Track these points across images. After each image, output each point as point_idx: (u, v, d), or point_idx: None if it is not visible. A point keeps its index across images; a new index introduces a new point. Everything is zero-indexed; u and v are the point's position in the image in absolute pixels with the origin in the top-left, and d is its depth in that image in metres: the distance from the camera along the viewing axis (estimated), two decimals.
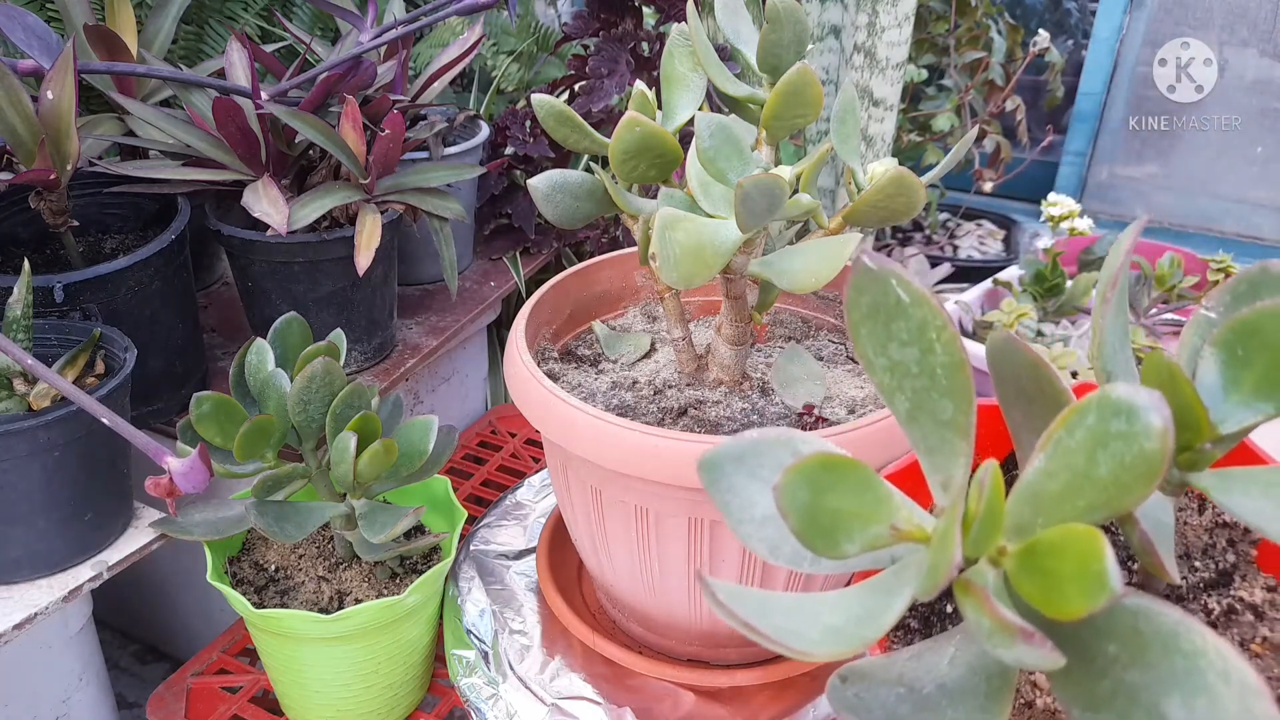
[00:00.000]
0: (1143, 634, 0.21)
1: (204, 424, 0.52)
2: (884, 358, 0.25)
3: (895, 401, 0.25)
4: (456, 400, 1.01)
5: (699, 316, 0.65)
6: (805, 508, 0.22)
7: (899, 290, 0.24)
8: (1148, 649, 0.21)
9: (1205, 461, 0.25)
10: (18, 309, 0.55)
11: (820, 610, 0.23)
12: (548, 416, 0.49)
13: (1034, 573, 0.21)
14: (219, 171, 0.70)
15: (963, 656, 0.23)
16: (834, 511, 0.22)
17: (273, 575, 0.61)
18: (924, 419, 0.24)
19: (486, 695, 0.58)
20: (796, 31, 0.48)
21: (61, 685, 0.64)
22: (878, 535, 0.23)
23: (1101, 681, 0.21)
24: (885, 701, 0.22)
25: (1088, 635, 0.22)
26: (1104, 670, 0.21)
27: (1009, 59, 1.45)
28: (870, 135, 1.08)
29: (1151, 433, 0.20)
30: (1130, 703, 0.20)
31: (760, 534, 0.25)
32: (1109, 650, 0.21)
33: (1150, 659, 0.20)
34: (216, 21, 0.99)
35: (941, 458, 0.24)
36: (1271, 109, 1.42)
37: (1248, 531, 0.33)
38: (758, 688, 0.56)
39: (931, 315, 0.24)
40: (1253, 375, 0.24)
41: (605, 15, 0.96)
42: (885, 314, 0.24)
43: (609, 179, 0.49)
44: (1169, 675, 0.20)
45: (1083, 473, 0.21)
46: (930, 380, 0.24)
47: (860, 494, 0.23)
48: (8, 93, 0.58)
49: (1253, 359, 0.24)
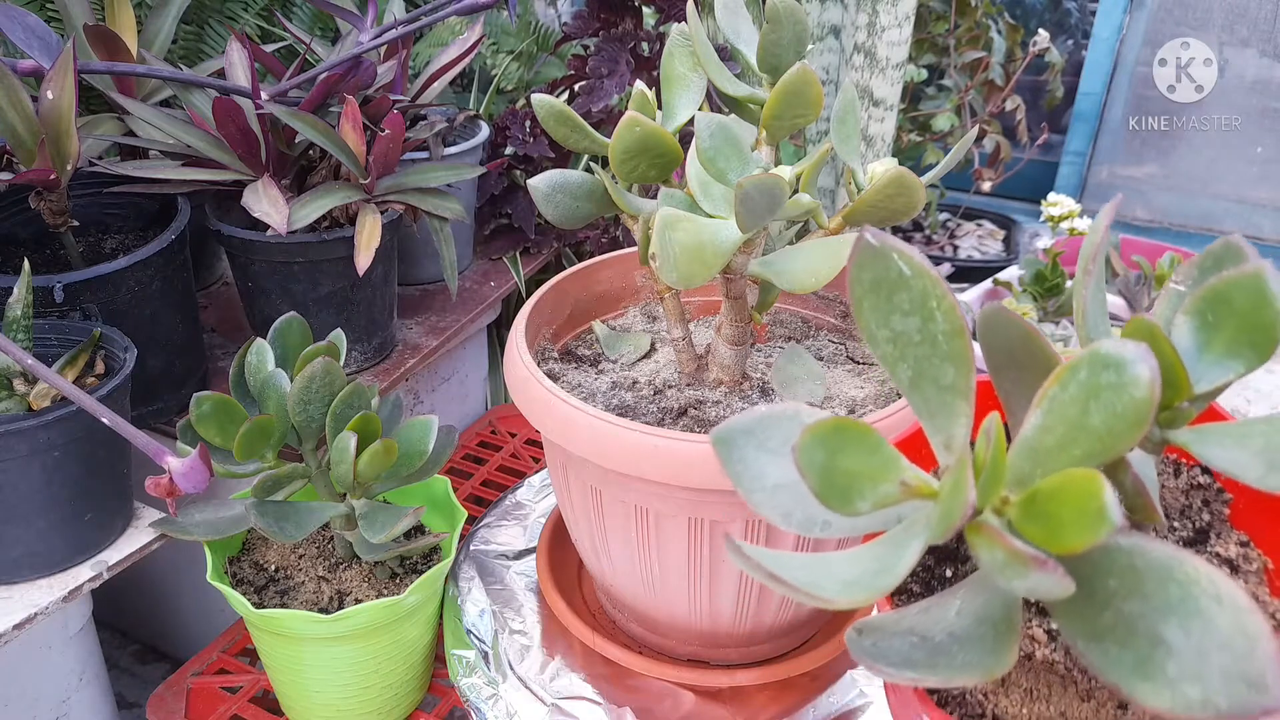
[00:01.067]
0: (1139, 569, 0.22)
1: (204, 424, 0.52)
2: (886, 329, 0.26)
3: (898, 371, 0.26)
4: (456, 400, 1.01)
5: (699, 316, 0.65)
6: (821, 467, 0.24)
7: (900, 264, 0.25)
8: (1144, 581, 0.22)
9: (1183, 420, 0.27)
10: (18, 309, 0.55)
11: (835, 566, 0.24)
12: (548, 416, 0.49)
13: (1037, 516, 0.22)
14: (219, 171, 0.70)
15: (969, 608, 0.24)
16: (847, 471, 0.24)
17: (273, 575, 0.61)
18: (926, 385, 0.26)
19: (486, 695, 0.58)
20: (796, 31, 0.48)
21: (61, 685, 0.64)
22: (888, 493, 0.24)
23: (1103, 613, 0.22)
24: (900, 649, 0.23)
25: (1089, 573, 0.23)
26: (1105, 603, 0.22)
27: (1009, 59, 1.45)
28: (870, 135, 1.08)
29: (1140, 382, 0.21)
30: (1130, 631, 0.21)
31: (772, 502, 0.26)
32: (1109, 585, 0.22)
33: (1147, 590, 0.22)
34: (216, 21, 0.99)
35: (944, 419, 0.25)
36: (1271, 109, 1.42)
37: (1221, 491, 0.35)
38: (758, 688, 0.56)
39: (932, 285, 0.25)
40: (1223, 337, 0.26)
41: (605, 15, 0.96)
42: (888, 287, 0.25)
43: (609, 179, 0.49)
44: (1165, 603, 0.21)
45: (1077, 424, 0.22)
46: (932, 347, 0.25)
47: (870, 455, 0.25)
48: (8, 93, 0.58)
49: (1222, 323, 0.26)
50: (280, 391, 0.54)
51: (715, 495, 0.46)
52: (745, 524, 0.47)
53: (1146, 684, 0.21)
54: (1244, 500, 0.34)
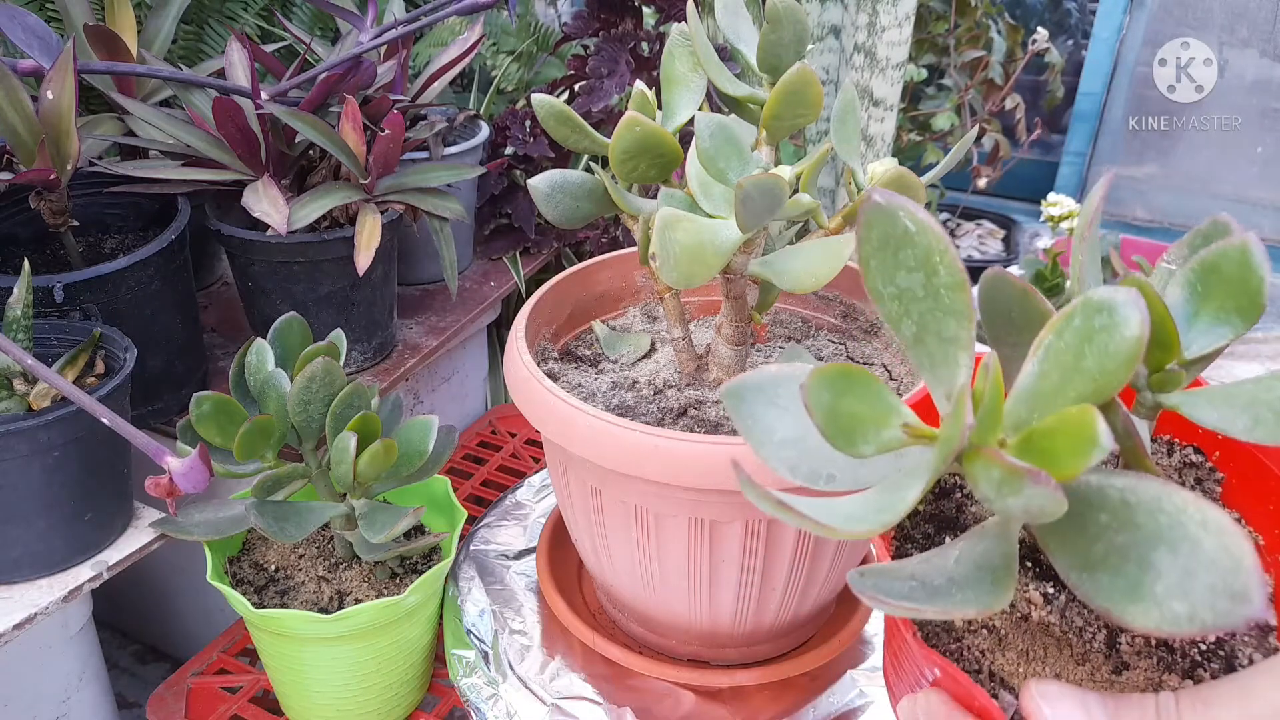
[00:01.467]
0: (1130, 503, 0.23)
1: (204, 424, 0.52)
2: (892, 286, 0.27)
3: (902, 327, 0.27)
4: (456, 400, 1.01)
5: (699, 316, 0.65)
6: (827, 407, 0.25)
7: (906, 221, 0.26)
8: (1135, 513, 0.23)
9: (1174, 383, 0.28)
10: (18, 309, 0.55)
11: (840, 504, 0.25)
12: (548, 416, 0.49)
13: (1033, 451, 0.24)
14: (219, 171, 0.70)
15: (967, 557, 0.26)
16: (851, 414, 0.25)
17: (273, 575, 0.61)
18: (929, 339, 0.27)
19: (486, 695, 0.58)
20: (796, 31, 0.48)
21: (61, 685, 0.64)
22: (891, 438, 0.26)
23: (1095, 545, 0.23)
24: (900, 589, 0.24)
25: (1082, 509, 0.24)
26: (1097, 536, 0.23)
27: (1009, 59, 1.45)
28: (870, 135, 1.08)
29: (1130, 322, 0.23)
30: (1122, 559, 0.23)
31: (779, 455, 0.27)
32: (1101, 519, 0.24)
33: (1139, 521, 0.23)
34: (216, 21, 0.99)
35: (945, 370, 0.26)
36: (1271, 109, 1.42)
37: (1213, 470, 0.36)
38: (758, 688, 0.56)
39: (935, 240, 0.26)
40: (1212, 305, 0.28)
41: (605, 15, 0.96)
42: (894, 244, 0.26)
43: (609, 179, 0.49)
44: (1155, 532, 0.22)
45: (1072, 367, 0.24)
46: (935, 301, 0.26)
47: (874, 401, 0.26)
48: (8, 93, 0.58)
49: (1211, 291, 0.28)
50: (280, 391, 0.54)
51: (715, 495, 0.46)
52: (745, 524, 0.47)
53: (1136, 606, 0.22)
54: (1235, 479, 0.35)
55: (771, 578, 0.50)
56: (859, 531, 0.24)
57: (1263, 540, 0.33)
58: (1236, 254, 0.27)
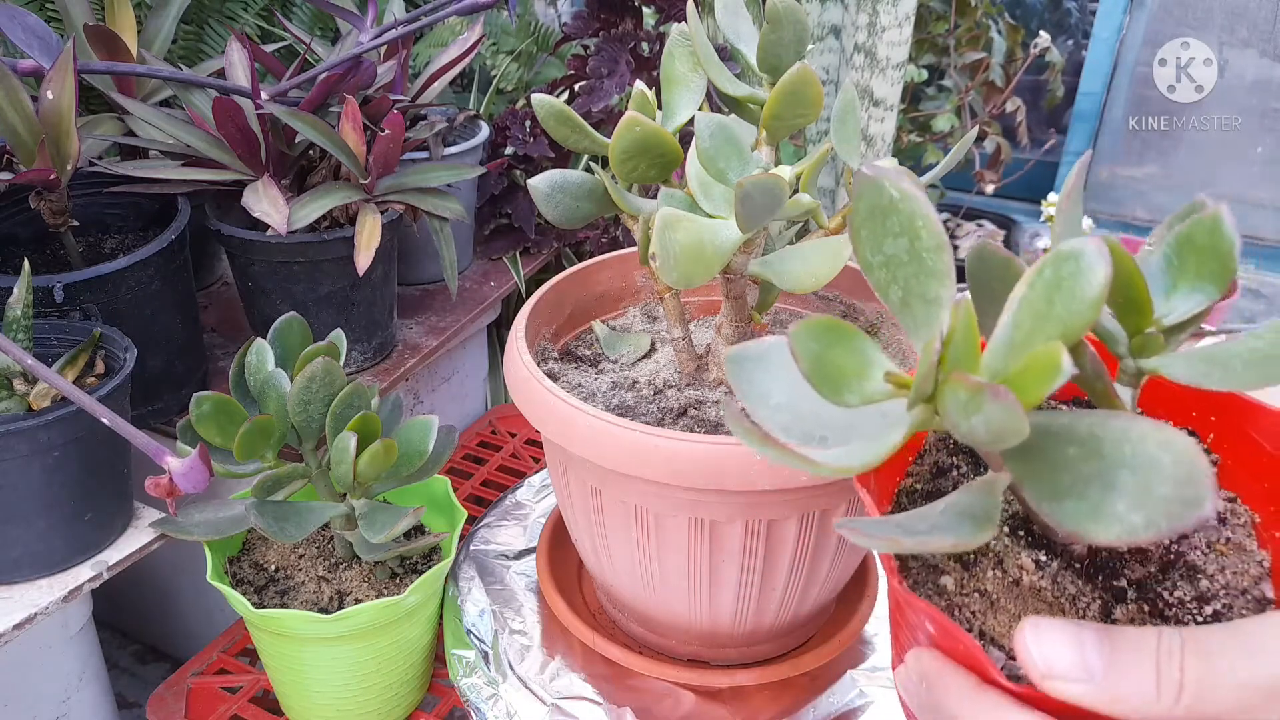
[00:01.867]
0: (1098, 435, 0.24)
1: (204, 424, 0.52)
2: (880, 254, 0.28)
3: (890, 294, 0.28)
4: (456, 400, 1.01)
5: (699, 316, 0.65)
6: (814, 356, 0.26)
7: (891, 190, 0.27)
8: (1102, 445, 0.24)
9: (1153, 348, 0.30)
10: (18, 309, 0.55)
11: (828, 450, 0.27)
12: (548, 416, 0.49)
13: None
14: (219, 171, 0.70)
15: (951, 509, 0.27)
16: (837, 365, 0.27)
17: (273, 575, 0.61)
18: (914, 302, 0.28)
19: (486, 695, 0.58)
20: (796, 31, 0.48)
21: (61, 685, 0.64)
22: (875, 390, 0.27)
23: (1063, 476, 0.25)
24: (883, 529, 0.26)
25: (1051, 445, 0.25)
26: (1065, 467, 0.25)
27: (1009, 59, 1.45)
28: (870, 135, 1.08)
29: (1096, 266, 0.24)
30: (1087, 485, 0.24)
31: (774, 418, 0.29)
32: (1069, 453, 0.25)
33: (1105, 451, 0.24)
34: (216, 21, 0.99)
35: (927, 330, 0.28)
36: (1271, 109, 1.42)
37: (1208, 451, 0.36)
38: (758, 688, 0.56)
39: (918, 206, 0.27)
40: (1189, 274, 0.29)
41: (605, 15, 0.96)
42: (881, 212, 0.28)
43: (609, 179, 0.49)
44: (1119, 458, 0.24)
45: (1043, 315, 0.25)
46: (918, 265, 0.28)
47: (858, 354, 0.27)
48: (8, 93, 0.58)
49: (1186, 262, 0.29)
50: (280, 391, 0.54)
51: (715, 495, 0.46)
52: (745, 524, 0.47)
53: (1098, 524, 0.23)
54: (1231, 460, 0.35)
55: (771, 578, 0.50)
56: (840, 468, 0.25)
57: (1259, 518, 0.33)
58: (1209, 223, 0.29)
